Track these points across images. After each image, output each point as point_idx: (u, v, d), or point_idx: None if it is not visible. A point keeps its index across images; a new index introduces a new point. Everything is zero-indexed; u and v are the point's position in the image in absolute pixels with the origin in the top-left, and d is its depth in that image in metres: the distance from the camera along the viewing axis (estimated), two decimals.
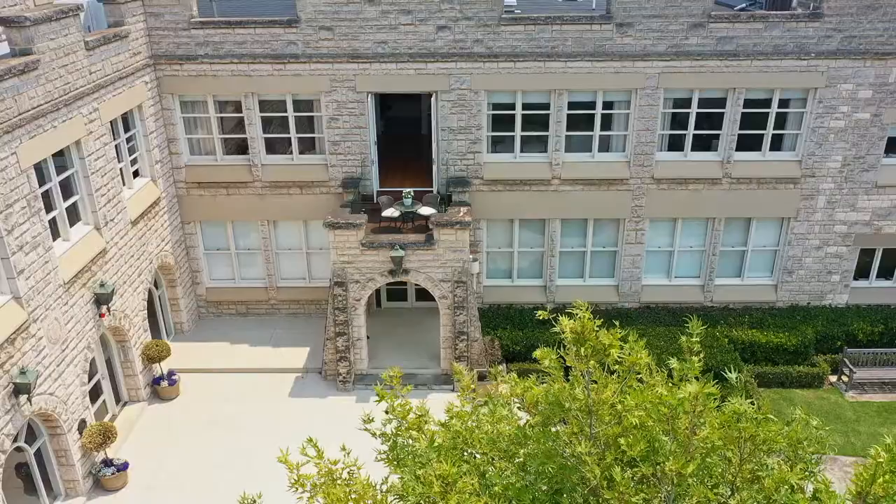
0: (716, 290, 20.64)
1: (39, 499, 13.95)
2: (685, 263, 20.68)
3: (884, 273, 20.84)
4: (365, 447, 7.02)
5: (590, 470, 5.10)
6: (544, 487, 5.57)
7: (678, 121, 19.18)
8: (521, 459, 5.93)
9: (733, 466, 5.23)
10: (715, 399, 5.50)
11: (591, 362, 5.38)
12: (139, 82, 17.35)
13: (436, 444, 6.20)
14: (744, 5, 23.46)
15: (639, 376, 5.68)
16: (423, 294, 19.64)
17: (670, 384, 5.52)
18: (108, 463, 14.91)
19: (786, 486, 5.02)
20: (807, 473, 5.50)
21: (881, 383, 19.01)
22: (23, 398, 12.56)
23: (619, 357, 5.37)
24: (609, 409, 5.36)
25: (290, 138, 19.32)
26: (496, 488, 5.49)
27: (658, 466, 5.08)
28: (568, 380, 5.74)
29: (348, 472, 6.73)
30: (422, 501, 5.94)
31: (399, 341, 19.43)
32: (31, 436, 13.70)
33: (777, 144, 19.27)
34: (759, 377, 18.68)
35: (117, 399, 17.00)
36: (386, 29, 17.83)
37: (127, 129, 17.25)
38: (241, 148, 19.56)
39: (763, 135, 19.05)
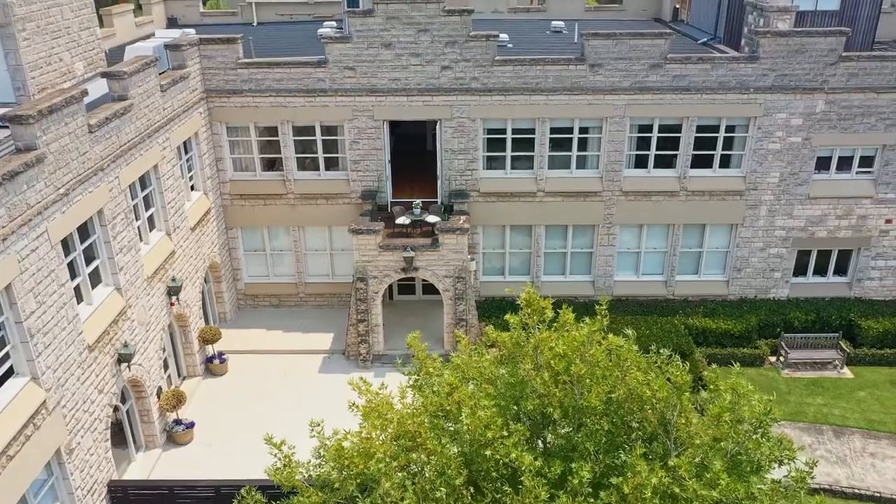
0: (677, 285, 24.37)
1: (128, 449, 17.66)
2: (650, 262, 24.41)
3: (819, 270, 24.57)
4: None
5: (535, 381, 8.82)
6: (510, 395, 9.31)
7: (642, 143, 22.90)
8: (498, 382, 9.68)
9: (615, 377, 8.93)
10: (629, 350, 9.30)
11: (535, 318, 9.15)
12: (196, 113, 21.11)
13: (444, 374, 9.92)
14: (705, 40, 27.28)
15: (566, 328, 9.44)
16: (428, 288, 23.34)
17: (584, 331, 9.30)
18: (178, 422, 18.63)
19: (638, 381, 8.71)
20: (656, 373, 9.15)
21: (811, 362, 22.74)
22: (123, 366, 16.31)
23: (552, 315, 9.13)
24: (546, 346, 9.09)
25: (317, 157, 23.06)
26: (483, 397, 9.21)
27: (571, 374, 8.79)
28: (524, 331, 9.50)
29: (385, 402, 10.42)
30: (438, 411, 9.66)
31: (409, 327, 23.08)
32: (122, 399, 17.40)
33: (725, 163, 23.01)
34: (710, 357, 22.39)
35: (179, 374, 20.73)
36: (399, 69, 21.58)
37: (186, 152, 20.99)
38: (276, 165, 23.30)
39: (713, 155, 22.80)
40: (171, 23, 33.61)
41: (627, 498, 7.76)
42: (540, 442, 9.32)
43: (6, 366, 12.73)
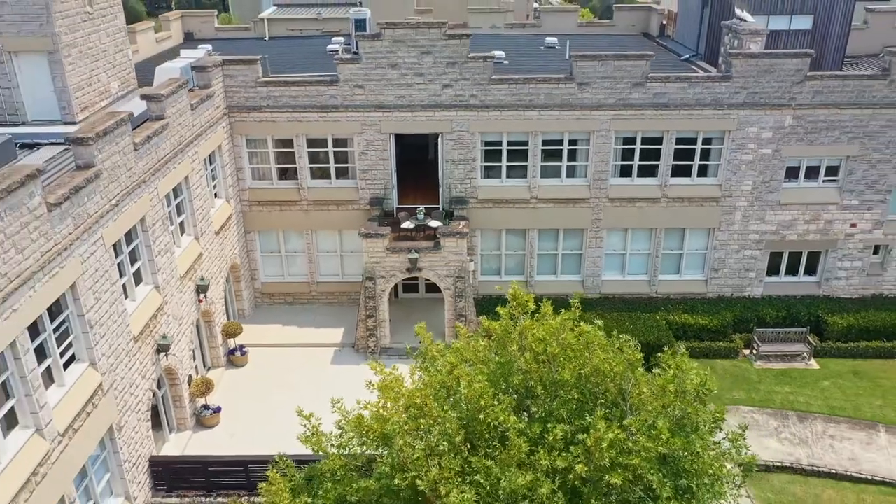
0: (659, 284, 26.47)
1: (163, 430, 19.74)
2: (635, 263, 26.51)
3: (790, 271, 26.67)
4: None
5: (520, 360, 10.93)
6: (499, 372, 11.42)
7: (626, 154, 24.99)
8: (490, 363, 11.79)
9: (583, 356, 11.02)
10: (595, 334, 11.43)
11: (520, 310, 11.26)
12: (219, 128, 23.22)
13: (446, 356, 12.02)
14: (687, 56, 29.38)
15: (545, 318, 11.56)
16: (431, 287, 25.41)
17: (560, 320, 11.42)
18: (206, 407, 20.71)
19: (601, 359, 10.81)
20: (615, 353, 11.24)
21: (781, 355, 24.85)
22: (161, 355, 18.41)
23: (533, 307, 11.23)
24: (529, 332, 11.19)
25: (329, 167, 25.15)
26: (477, 374, 11.30)
27: (548, 354, 10.89)
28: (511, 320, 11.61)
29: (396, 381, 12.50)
30: (441, 386, 11.73)
31: (413, 322, 25.03)
32: (158, 385, 19.48)
33: (702, 172, 25.10)
34: (689, 350, 24.41)
35: (204, 364, 22.82)
36: (404, 87, 23.68)
37: (211, 163, 23.09)
38: (291, 174, 25.39)
39: (691, 165, 24.89)
40: (188, 37, 35.75)
41: (590, 450, 9.84)
42: (525, 413, 11.41)
43: (70, 353, 14.81)
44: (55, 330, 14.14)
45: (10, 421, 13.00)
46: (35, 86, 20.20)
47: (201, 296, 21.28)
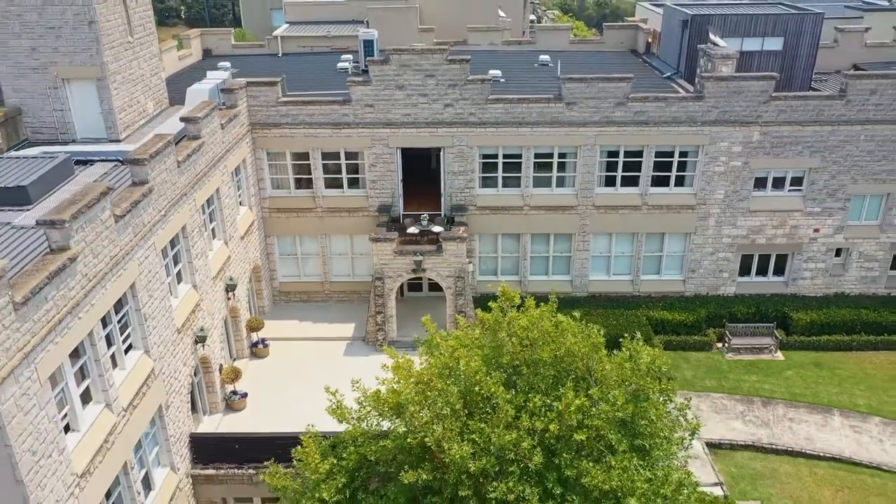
0: (641, 284, 29.10)
1: (198, 413, 22.35)
2: (619, 264, 29.14)
3: (760, 271, 29.31)
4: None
5: (508, 344, 13.57)
6: (492, 354, 14.04)
7: (610, 166, 27.61)
8: (484, 347, 14.43)
9: (559, 340, 13.63)
10: (574, 325, 14.08)
11: (507, 303, 13.91)
12: (244, 143, 25.87)
13: (448, 342, 14.64)
14: (668, 74, 32.02)
15: (528, 310, 14.19)
16: (433, 286, 28.02)
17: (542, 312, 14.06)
18: (235, 392, 23.33)
19: (572, 342, 13.40)
20: (583, 337, 13.83)
21: (751, 348, 27.48)
22: (199, 346, 21.04)
23: (519, 302, 13.88)
24: (515, 321, 13.83)
25: (341, 178, 27.79)
26: (474, 355, 13.93)
27: (530, 339, 13.53)
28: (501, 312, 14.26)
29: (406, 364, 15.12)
30: (444, 366, 14.34)
31: (417, 318, 27.65)
32: (194, 373, 22.09)
33: (679, 182, 27.73)
34: (666, 343, 27.02)
35: (231, 355, 25.43)
36: (409, 106, 26.31)
37: (237, 175, 25.72)
38: (307, 184, 28.01)
39: (669, 176, 27.52)
40: (206, 54, 38.41)
41: (562, 413, 12.42)
42: (512, 386, 14.02)
43: (128, 342, 17.44)
44: (118, 322, 16.77)
45: (85, 397, 15.63)
46: (84, 108, 22.88)
47: (230, 294, 23.92)
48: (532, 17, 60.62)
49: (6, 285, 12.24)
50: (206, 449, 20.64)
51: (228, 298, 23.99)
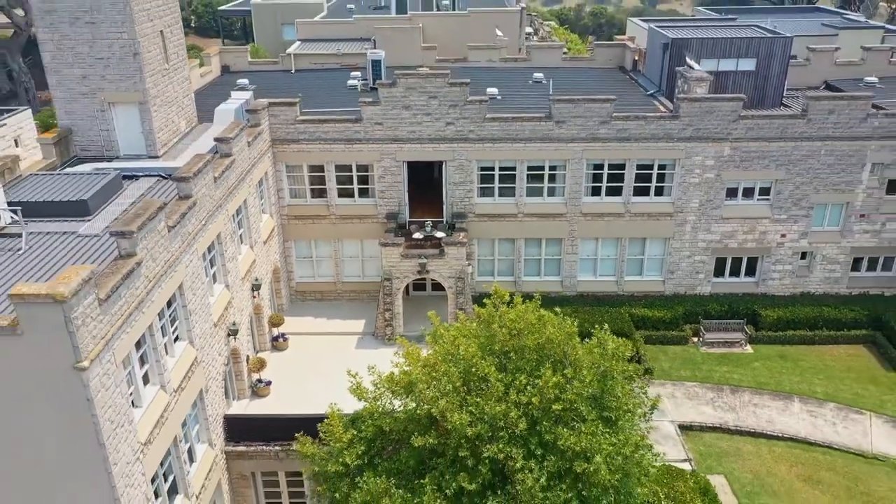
0: (625, 284, 32.02)
1: (228, 398, 25.26)
2: (605, 266, 32.07)
3: (733, 272, 32.22)
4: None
5: (499, 333, 16.50)
6: (486, 343, 16.98)
7: (596, 177, 30.53)
8: (480, 336, 17.37)
9: (540, 330, 16.53)
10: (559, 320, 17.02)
11: (499, 300, 16.85)
12: (266, 158, 28.81)
13: (450, 332, 17.56)
14: (651, 92, 34.94)
15: (516, 306, 17.12)
16: (436, 286, 30.93)
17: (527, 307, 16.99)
18: (260, 380, 26.24)
19: (551, 331, 16.29)
20: (560, 326, 16.74)
21: (723, 342, 30.40)
22: (231, 338, 23.97)
23: (508, 299, 16.83)
24: (505, 315, 16.76)
25: (353, 188, 30.73)
26: (471, 342, 16.85)
27: (516, 330, 16.45)
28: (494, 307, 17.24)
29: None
30: (446, 352, 17.26)
31: (422, 314, 30.56)
32: (227, 362, 25.00)
33: (658, 192, 30.66)
34: (646, 338, 30.06)
35: (254, 348, 28.35)
36: (415, 124, 29.25)
37: (260, 186, 28.66)
38: (322, 193, 30.96)
39: (649, 186, 30.45)
40: (225, 70, 41.36)
41: (542, 389, 15.31)
42: (503, 368, 16.93)
43: (176, 333, 20.37)
44: (169, 316, 19.70)
45: (145, 380, 18.54)
46: (127, 128, 25.83)
47: (255, 293, 26.85)
48: (528, 29, 63.57)
49: (94, 285, 15.18)
50: (238, 428, 23.56)
51: (254, 297, 26.91)
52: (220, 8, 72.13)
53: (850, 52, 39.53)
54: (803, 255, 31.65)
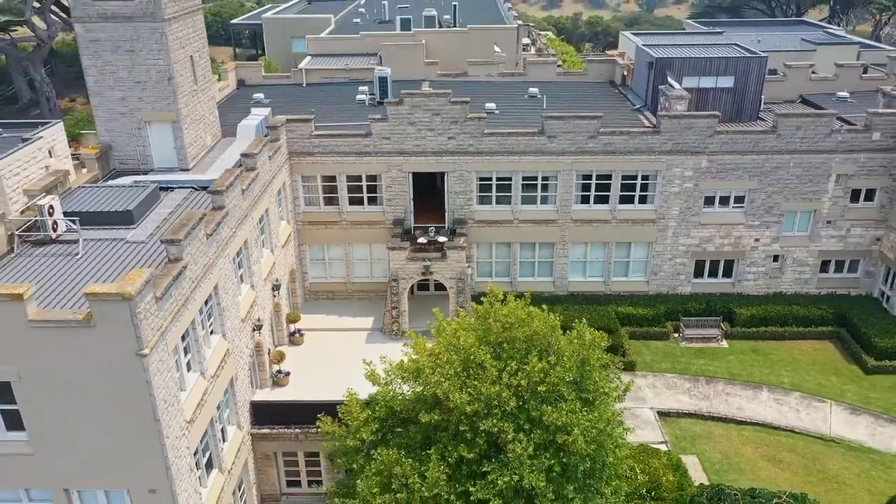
0: (612, 284, 34.86)
1: (252, 387, 28.09)
2: (593, 268, 34.91)
3: (711, 274, 35.04)
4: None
5: (493, 327, 19.34)
6: (483, 335, 19.82)
7: (585, 187, 33.35)
8: (478, 330, 20.21)
9: (528, 325, 19.33)
10: (546, 315, 19.87)
11: (494, 299, 19.71)
12: (284, 169, 31.66)
13: (452, 325, 20.39)
14: (638, 107, 37.78)
15: (508, 303, 19.97)
16: (439, 286, 33.75)
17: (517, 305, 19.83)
18: (280, 371, 29.08)
19: (538, 324, 19.09)
20: (545, 320, 19.58)
21: (701, 337, 33.24)
22: (256, 333, 26.82)
23: (502, 297, 19.69)
24: (499, 311, 19.59)
25: (363, 196, 33.58)
26: (470, 334, 19.68)
27: (508, 324, 19.28)
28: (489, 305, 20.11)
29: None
30: (449, 343, 20.09)
31: (426, 312, 33.42)
32: (251, 354, 27.82)
33: (642, 200, 33.49)
34: (631, 333, 32.89)
35: (273, 342, 31.20)
36: (419, 138, 32.09)
37: (279, 195, 31.50)
38: (334, 201, 33.79)
39: (634, 195, 33.28)
40: (240, 83, 44.22)
41: (529, 373, 18.14)
42: (496, 356, 19.77)
43: (212, 328, 23.22)
44: (206, 312, 22.55)
45: (188, 367, 21.38)
46: (161, 144, 28.69)
47: (275, 292, 29.71)
48: (526, 40, 66.37)
49: (152, 285, 18.03)
50: (263, 413, 26.41)
51: (274, 296, 29.76)
52: (232, 21, 75.18)
53: (827, 67, 42.38)
54: (775, 258, 34.45)
